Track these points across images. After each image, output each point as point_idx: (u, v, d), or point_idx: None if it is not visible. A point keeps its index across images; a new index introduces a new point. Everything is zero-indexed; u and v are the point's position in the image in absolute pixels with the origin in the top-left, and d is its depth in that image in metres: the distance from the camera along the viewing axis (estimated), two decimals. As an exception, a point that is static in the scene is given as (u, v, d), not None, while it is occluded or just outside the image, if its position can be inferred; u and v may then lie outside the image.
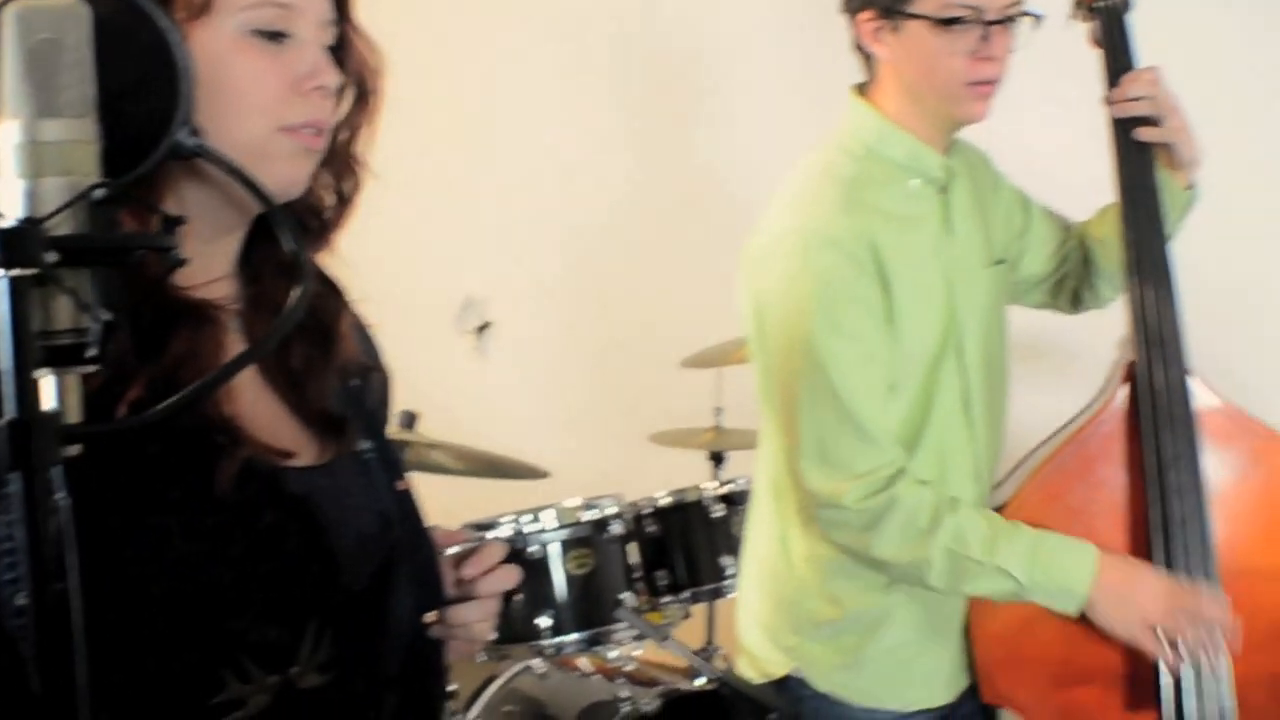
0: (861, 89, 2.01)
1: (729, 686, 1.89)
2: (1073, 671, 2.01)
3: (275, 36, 1.11)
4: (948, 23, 1.85)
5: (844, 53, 2.00)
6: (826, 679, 2.02)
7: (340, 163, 1.22)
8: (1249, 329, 3.28)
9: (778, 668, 2.06)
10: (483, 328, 3.69)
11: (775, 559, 2.07)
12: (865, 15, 1.92)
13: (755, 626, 2.11)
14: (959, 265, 2.00)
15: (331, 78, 1.14)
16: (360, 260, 1.29)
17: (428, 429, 2.84)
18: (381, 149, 1.25)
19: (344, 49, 1.18)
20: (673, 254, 3.75)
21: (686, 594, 2.83)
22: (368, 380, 1.33)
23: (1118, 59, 2.05)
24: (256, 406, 1.18)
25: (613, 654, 2.84)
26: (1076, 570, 1.89)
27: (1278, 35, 3.09)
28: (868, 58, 1.97)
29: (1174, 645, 1.90)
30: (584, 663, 2.87)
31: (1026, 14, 1.92)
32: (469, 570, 1.33)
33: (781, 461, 2.00)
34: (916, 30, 1.88)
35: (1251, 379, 3.17)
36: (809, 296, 1.87)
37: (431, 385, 2.48)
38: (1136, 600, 1.89)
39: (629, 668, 2.82)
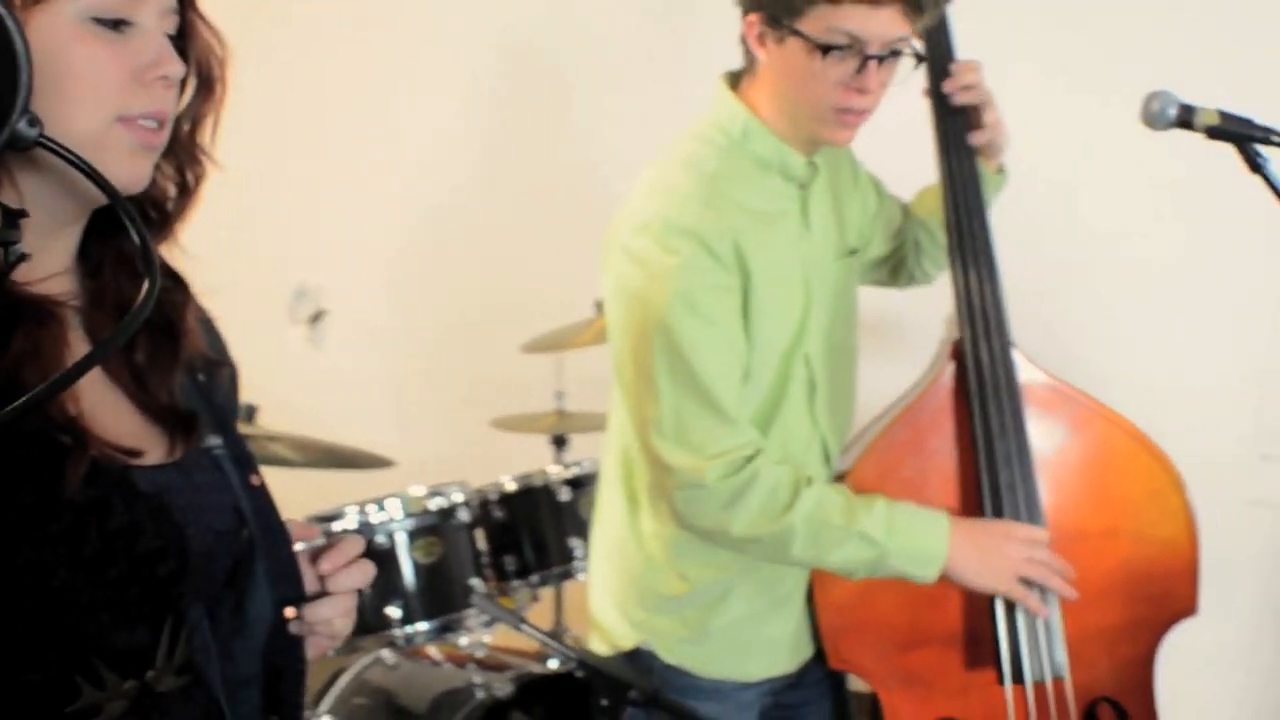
0: (734, 81, 2.02)
1: (588, 665, 1.89)
2: (914, 635, 2.09)
3: (116, 24, 1.08)
4: (826, 49, 1.86)
5: (703, 42, 2.02)
6: (673, 651, 2.05)
7: (183, 153, 1.18)
8: (1069, 305, 3.43)
9: (627, 640, 2.08)
10: (317, 317, 3.63)
11: (624, 536, 2.09)
12: (753, 17, 1.92)
13: (606, 601, 2.13)
14: (814, 258, 2.03)
15: (175, 68, 1.11)
16: (194, 250, 1.26)
17: (267, 421, 2.78)
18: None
19: (187, 37, 1.15)
20: (511, 240, 3.73)
21: (535, 577, 2.85)
22: (215, 375, 1.30)
23: (941, 51, 2.11)
24: (102, 405, 1.14)
25: (463, 641, 2.85)
26: (932, 531, 1.95)
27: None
28: (750, 52, 1.98)
29: (1035, 588, 1.99)
30: (434, 651, 2.86)
31: (909, 53, 1.92)
32: (326, 565, 1.31)
33: (633, 442, 2.02)
34: (797, 47, 1.88)
35: (1071, 353, 3.33)
36: (669, 284, 1.89)
37: (270, 377, 2.42)
38: (995, 550, 1.97)
39: (479, 654, 2.82)
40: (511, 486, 2.84)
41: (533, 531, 2.83)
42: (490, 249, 3.72)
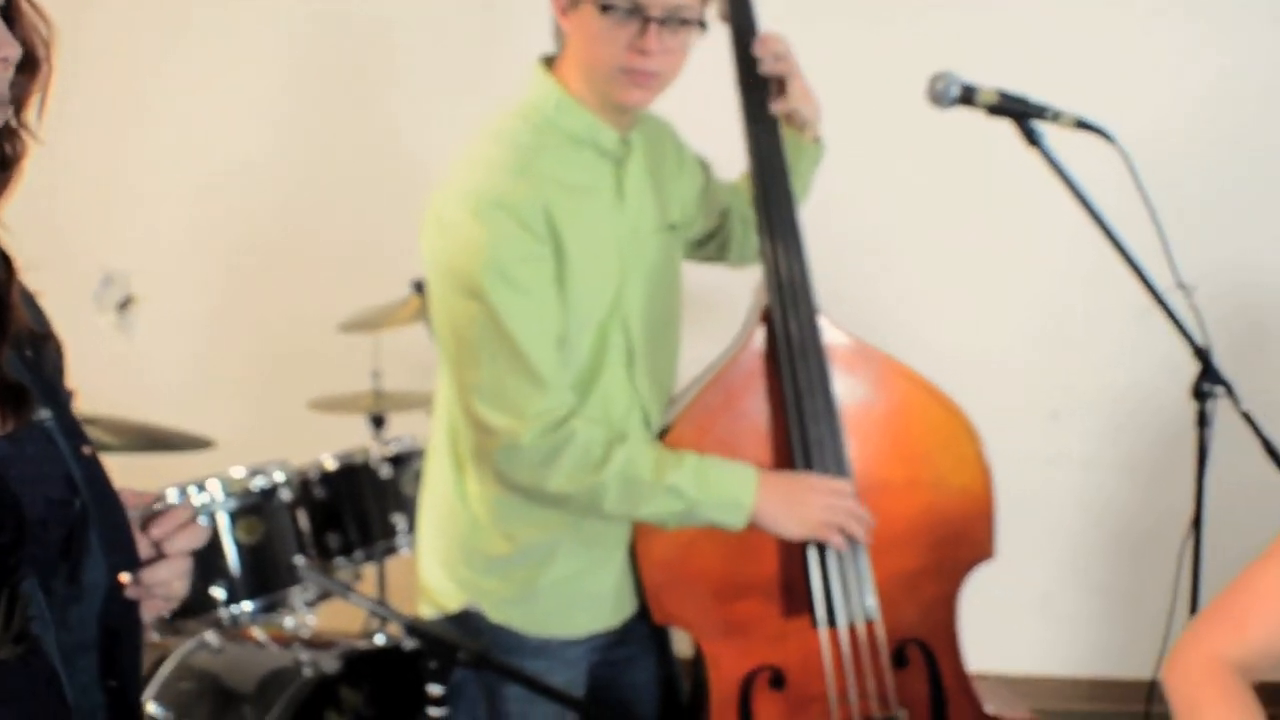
0: (549, 62, 2.08)
1: (416, 629, 1.92)
2: (733, 586, 2.17)
3: None
4: (605, 9, 1.94)
5: (519, 25, 2.07)
6: (500, 611, 2.11)
7: (6, 131, 1.19)
8: (877, 275, 3.59)
9: (454, 602, 2.13)
10: (125, 304, 3.56)
11: (451, 499, 2.14)
12: None
13: (434, 564, 2.17)
14: (630, 232, 2.10)
15: (11, 50, 1.11)
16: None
17: (82, 406, 2.73)
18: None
19: (13, 17, 1.16)
20: (326, 220, 3.72)
21: (359, 554, 2.87)
22: (41, 349, 1.30)
23: (745, 25, 2.20)
24: (-68, 380, 1.15)
25: (289, 622, 2.85)
26: (740, 483, 2.05)
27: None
28: (559, 29, 2.04)
29: (842, 532, 2.10)
30: (259, 633, 2.86)
31: (690, 20, 1.99)
32: (158, 530, 1.33)
33: (457, 408, 2.07)
34: (587, 11, 1.96)
35: (877, 321, 3.48)
36: (482, 254, 1.94)
37: (84, 361, 2.39)
38: (801, 498, 2.07)
39: (305, 635, 2.83)
40: (332, 465, 2.86)
41: (355, 509, 2.85)
42: (305, 229, 3.71)
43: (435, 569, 2.17)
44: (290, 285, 3.68)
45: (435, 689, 1.94)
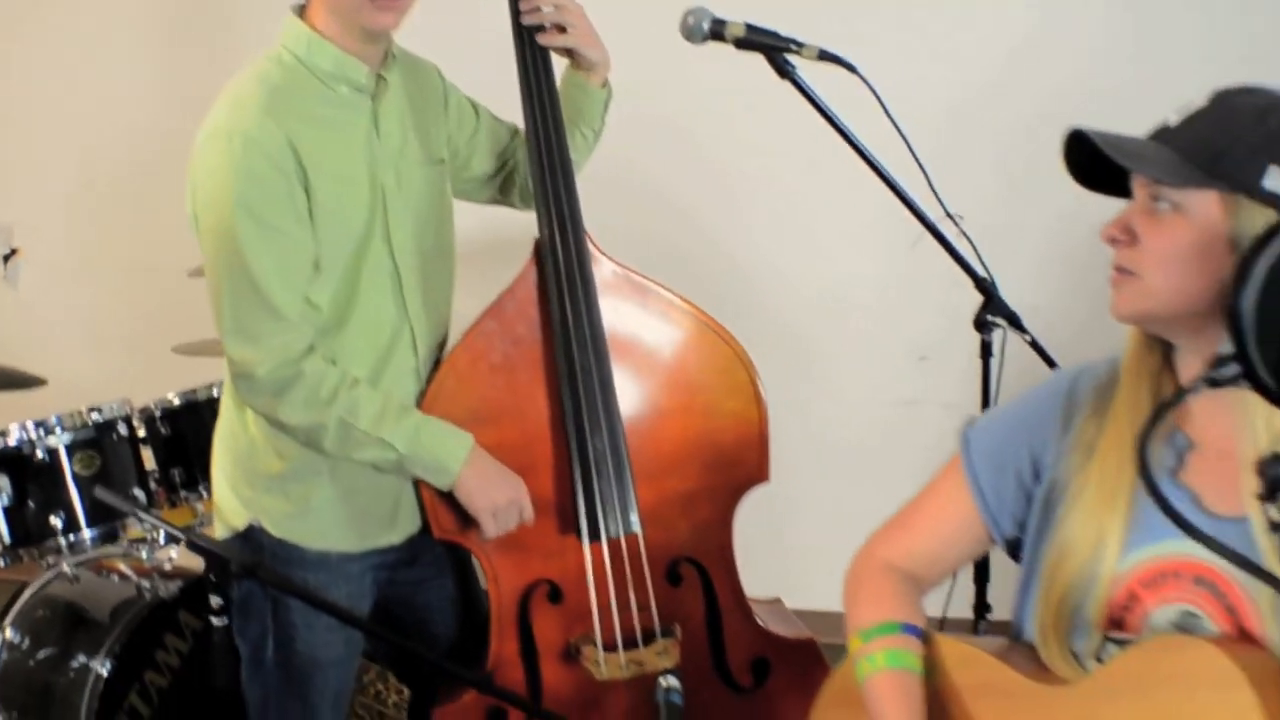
0: (301, 10, 2.19)
1: (193, 543, 2.04)
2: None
3: None
4: None
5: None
6: (280, 526, 2.23)
7: None
8: (743, 213, 3.67)
9: (240, 520, 2.25)
10: (9, 256, 3.69)
11: (233, 420, 2.26)
12: None
13: (223, 485, 2.29)
14: (389, 163, 2.19)
15: None
16: None
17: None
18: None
19: None
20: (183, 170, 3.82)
21: (203, 487, 2.99)
22: None
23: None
24: None
25: (144, 555, 2.99)
26: (451, 452, 2.17)
27: None
28: None
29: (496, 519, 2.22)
30: (121, 565, 2.98)
31: None
32: None
33: None
34: None
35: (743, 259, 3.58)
36: (229, 188, 2.05)
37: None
38: (491, 487, 2.20)
39: (166, 567, 2.95)
40: (176, 401, 2.98)
41: (199, 443, 2.96)
42: (177, 183, 3.81)
43: (224, 489, 2.29)
44: (152, 234, 3.78)
45: (215, 600, 2.07)
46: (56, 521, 2.77)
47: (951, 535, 1.67)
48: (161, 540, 3.01)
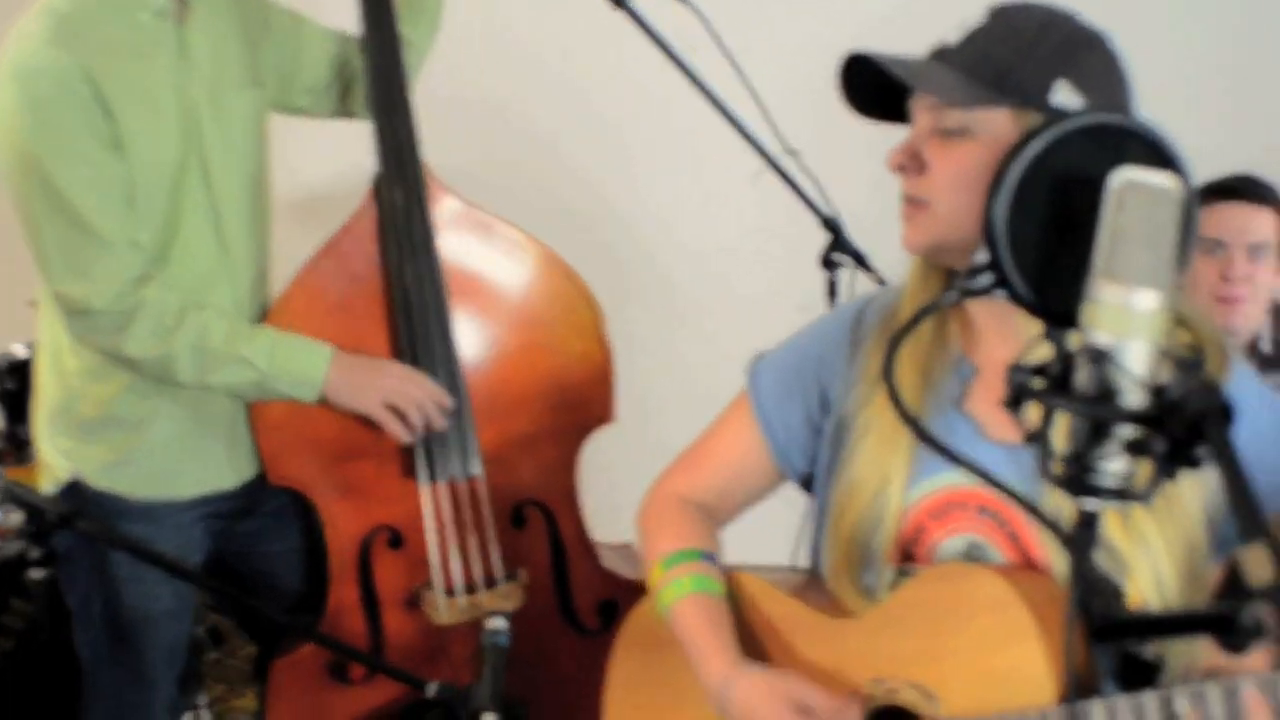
0: None
1: (13, 497, 1.98)
2: (349, 448, 2.22)
3: None
4: None
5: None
6: (102, 476, 2.15)
7: None
8: (622, 162, 3.63)
9: (63, 472, 2.17)
10: None
11: (50, 370, 2.17)
12: None
13: (44, 437, 2.21)
14: (203, 91, 2.11)
15: None
16: None
17: None
18: None
19: None
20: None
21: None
22: None
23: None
24: None
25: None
26: (312, 361, 2.10)
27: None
28: None
29: (404, 419, 2.16)
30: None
31: None
32: None
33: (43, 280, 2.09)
34: None
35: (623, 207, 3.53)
36: (27, 123, 1.96)
37: None
38: (369, 382, 2.13)
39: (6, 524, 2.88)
40: (23, 354, 2.90)
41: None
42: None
43: (45, 442, 2.21)
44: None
45: (34, 551, 2.01)
46: (-110, 477, 2.68)
47: (742, 471, 1.62)
48: None
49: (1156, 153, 1.14)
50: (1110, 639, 1.02)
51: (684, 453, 1.67)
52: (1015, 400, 1.08)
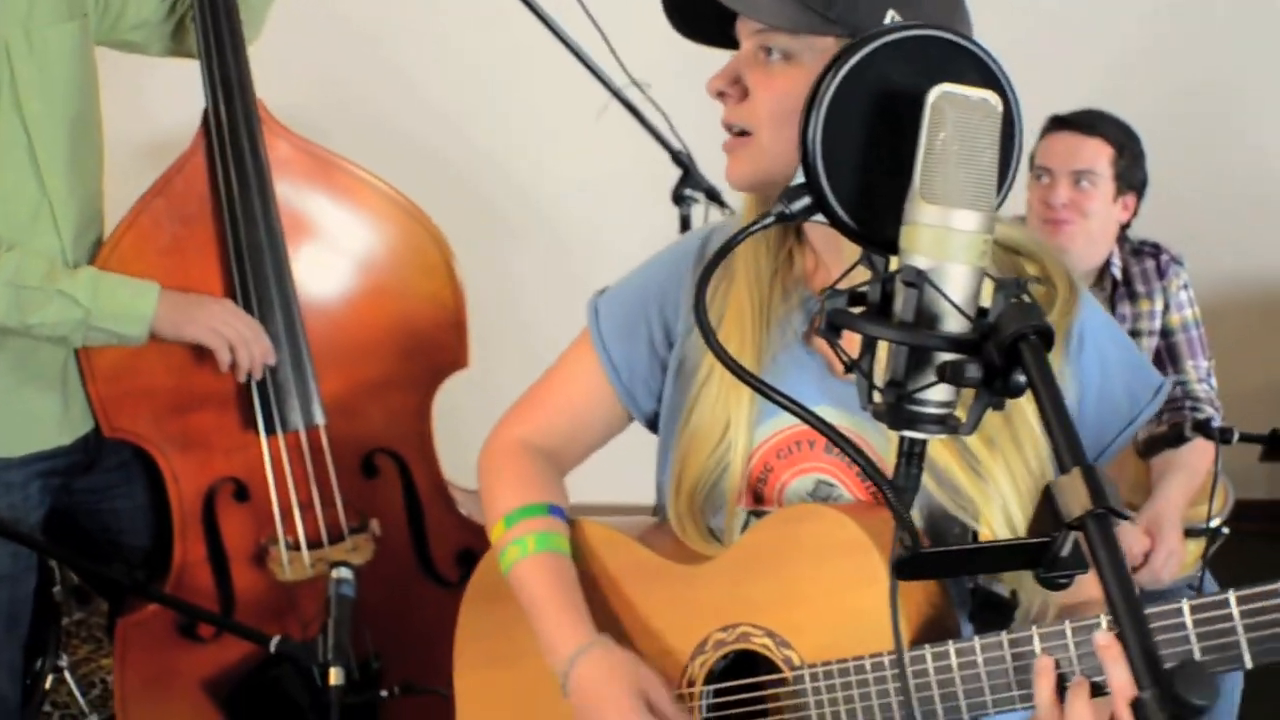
0: None
1: None
2: (186, 399, 2.12)
3: None
4: None
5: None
6: None
7: None
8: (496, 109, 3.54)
9: None
10: None
11: None
12: None
13: None
14: (15, 23, 1.96)
15: None
16: None
17: None
18: None
19: None
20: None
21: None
22: None
23: None
24: None
25: None
26: (139, 297, 1.99)
27: None
28: None
29: (233, 352, 2.06)
30: None
31: None
32: None
33: None
34: None
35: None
36: None
37: None
38: (197, 316, 2.03)
39: None
40: None
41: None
42: None
43: None
44: None
45: None
46: None
47: (585, 410, 1.51)
48: None
49: (982, 70, 1.07)
50: (920, 575, 0.97)
51: (525, 394, 1.57)
52: (831, 328, 1.01)
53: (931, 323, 0.97)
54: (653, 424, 1.50)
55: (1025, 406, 1.28)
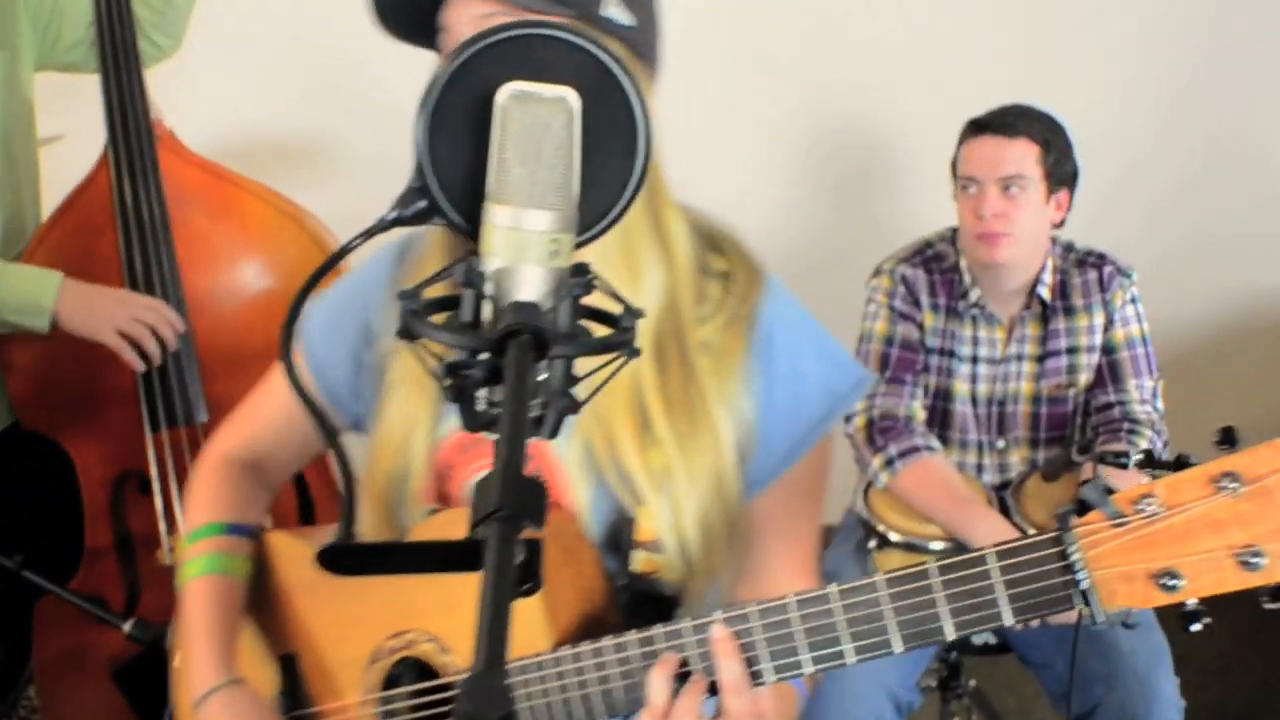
0: None
1: None
2: (95, 392, 2.20)
3: None
4: None
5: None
6: None
7: None
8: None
9: None
10: None
11: None
12: None
13: None
14: None
15: None
16: None
17: None
18: None
19: None
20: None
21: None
22: None
23: None
24: None
25: None
26: (40, 287, 2.06)
27: None
28: None
29: (137, 347, 2.11)
30: None
31: None
32: None
33: None
34: None
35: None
36: None
37: None
38: (101, 307, 2.08)
39: None
40: None
41: None
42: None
43: None
44: None
45: None
46: None
47: (293, 418, 1.47)
48: None
49: (596, 68, 1.03)
50: (341, 570, 0.94)
51: (239, 407, 1.53)
52: (405, 333, 1.00)
53: (477, 324, 0.96)
54: (361, 428, 1.47)
55: (709, 395, 1.24)
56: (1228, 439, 1.91)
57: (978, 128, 2.41)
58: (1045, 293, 2.45)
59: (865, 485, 2.46)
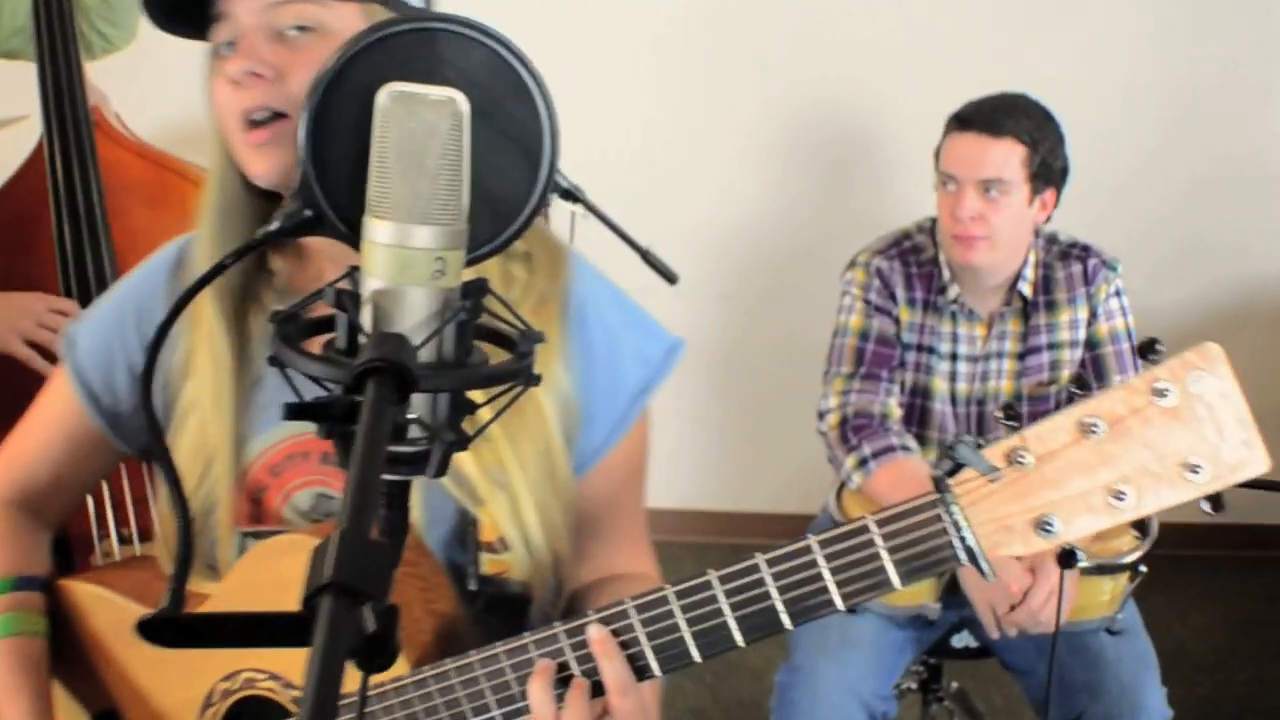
0: None
1: None
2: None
3: None
4: None
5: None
6: None
7: None
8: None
9: None
10: None
11: None
12: None
13: None
14: None
15: None
16: None
17: None
18: None
19: None
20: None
21: None
22: None
23: None
24: None
25: None
26: None
27: None
28: None
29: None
30: None
31: None
32: None
33: None
34: None
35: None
36: None
37: None
38: (3, 317, 1.99)
39: None
40: None
41: None
42: None
43: None
44: None
45: None
46: None
47: (71, 453, 1.34)
48: None
49: (503, 66, 0.93)
50: (167, 642, 0.85)
51: (5, 444, 1.38)
52: (274, 360, 0.90)
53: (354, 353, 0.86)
54: (146, 454, 1.37)
55: (538, 395, 1.18)
56: (1149, 350, 1.79)
57: (962, 123, 2.26)
58: (1027, 289, 2.33)
59: (838, 485, 2.35)
